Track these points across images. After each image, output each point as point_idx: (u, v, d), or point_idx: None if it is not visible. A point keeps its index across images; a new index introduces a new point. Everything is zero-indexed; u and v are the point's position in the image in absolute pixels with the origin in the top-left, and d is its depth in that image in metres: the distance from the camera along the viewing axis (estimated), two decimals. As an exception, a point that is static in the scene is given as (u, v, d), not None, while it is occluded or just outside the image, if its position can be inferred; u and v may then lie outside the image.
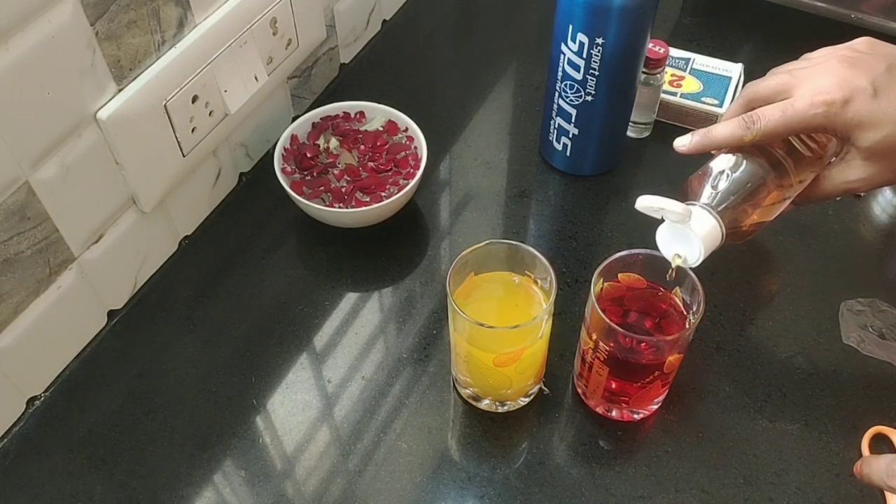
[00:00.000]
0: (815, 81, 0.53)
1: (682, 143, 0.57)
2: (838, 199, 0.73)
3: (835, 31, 0.56)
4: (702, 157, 0.57)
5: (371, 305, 0.68)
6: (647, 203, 0.52)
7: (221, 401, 0.62)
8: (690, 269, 0.54)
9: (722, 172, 0.54)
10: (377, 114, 0.76)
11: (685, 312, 0.56)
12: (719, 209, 0.53)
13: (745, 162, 0.54)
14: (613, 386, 0.57)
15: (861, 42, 0.55)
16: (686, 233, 0.52)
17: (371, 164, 0.73)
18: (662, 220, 0.54)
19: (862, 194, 0.74)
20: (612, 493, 0.56)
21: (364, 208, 0.69)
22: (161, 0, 0.59)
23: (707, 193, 0.53)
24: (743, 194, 0.53)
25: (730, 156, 0.55)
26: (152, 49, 0.60)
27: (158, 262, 0.70)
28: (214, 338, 0.66)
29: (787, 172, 0.55)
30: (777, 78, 0.55)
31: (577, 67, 0.68)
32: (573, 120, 0.72)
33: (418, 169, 0.71)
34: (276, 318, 0.67)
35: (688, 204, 0.53)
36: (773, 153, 0.55)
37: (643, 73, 0.73)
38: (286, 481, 0.57)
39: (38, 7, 0.50)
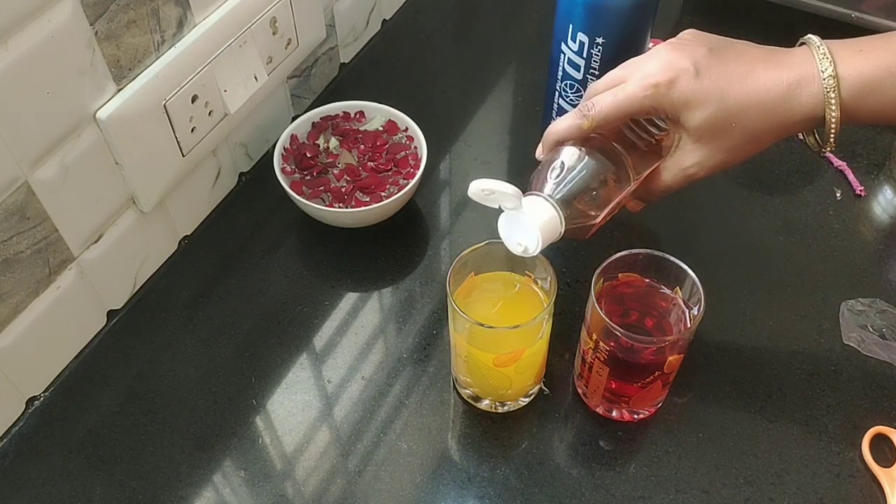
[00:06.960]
0: (644, 67, 0.55)
1: (539, 153, 0.61)
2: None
3: (835, 31, 0.56)
4: None
5: (371, 305, 0.68)
6: (478, 187, 0.52)
7: (221, 401, 0.62)
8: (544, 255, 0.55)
9: (561, 164, 0.55)
10: (377, 113, 0.76)
11: (685, 312, 0.56)
12: (556, 198, 0.54)
13: (584, 155, 0.56)
14: (614, 386, 0.57)
15: (686, 32, 0.58)
16: (525, 221, 0.53)
17: (371, 163, 0.73)
18: (502, 211, 0.54)
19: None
20: (612, 493, 0.56)
21: (364, 208, 0.68)
22: (161, 0, 0.59)
23: (545, 184, 0.55)
24: (580, 184, 0.55)
25: (571, 149, 0.56)
26: (152, 49, 0.60)
27: (158, 262, 0.70)
28: (214, 338, 0.66)
29: (625, 165, 0.56)
30: (613, 72, 0.58)
31: (577, 67, 0.68)
32: (573, 120, 0.72)
33: (418, 169, 0.71)
34: (276, 318, 0.67)
35: (527, 194, 0.54)
36: (612, 147, 0.57)
37: (643, 72, 0.73)
38: (286, 481, 0.57)
39: (38, 7, 0.50)
